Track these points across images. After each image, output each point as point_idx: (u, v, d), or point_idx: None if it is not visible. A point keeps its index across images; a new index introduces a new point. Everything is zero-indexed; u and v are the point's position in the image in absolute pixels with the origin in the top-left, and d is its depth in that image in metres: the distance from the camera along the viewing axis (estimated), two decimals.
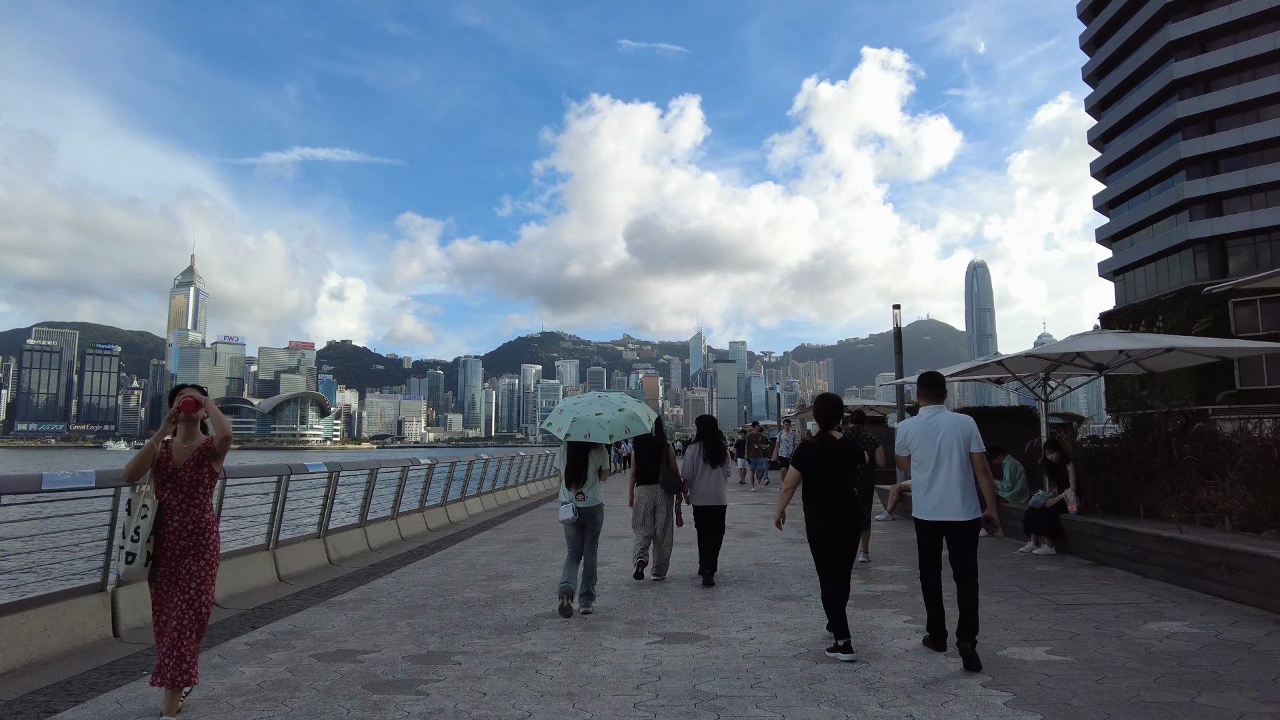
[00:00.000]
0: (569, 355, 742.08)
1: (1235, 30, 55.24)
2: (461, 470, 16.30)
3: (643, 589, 8.12)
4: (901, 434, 5.72)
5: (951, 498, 5.34)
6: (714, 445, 8.81)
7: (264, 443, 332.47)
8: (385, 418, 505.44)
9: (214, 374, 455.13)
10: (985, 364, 11.94)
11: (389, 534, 12.24)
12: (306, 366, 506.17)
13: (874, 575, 8.68)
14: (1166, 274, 58.53)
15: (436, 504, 14.81)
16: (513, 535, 12.83)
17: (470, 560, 10.20)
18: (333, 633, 6.34)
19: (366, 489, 11.53)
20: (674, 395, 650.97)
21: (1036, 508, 10.02)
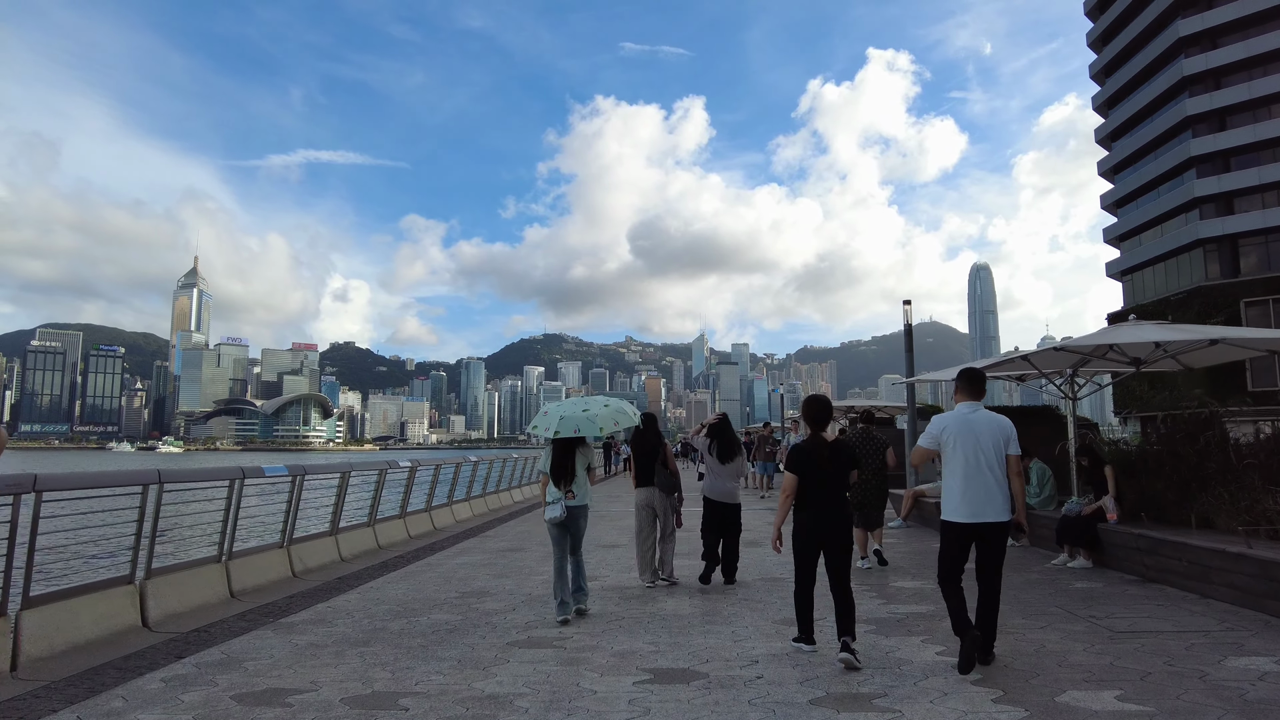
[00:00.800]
0: (571, 357, 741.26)
1: (1246, 26, 54.31)
2: (448, 473, 15.39)
3: (632, 610, 7.19)
4: (937, 428, 5.35)
5: (988, 499, 5.11)
6: (725, 441, 8.60)
7: (266, 444, 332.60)
8: (388, 419, 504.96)
9: (217, 375, 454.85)
10: (1009, 359, 11.00)
11: (364, 542, 11.33)
12: (309, 368, 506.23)
13: (894, 593, 7.74)
14: (1176, 274, 57.53)
15: (419, 509, 13.90)
16: (498, 544, 11.91)
17: (447, 573, 9.28)
18: (269, 664, 5.43)
19: (338, 493, 10.61)
20: (676, 397, 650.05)
21: (1070, 516, 9.07)
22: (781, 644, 5.77)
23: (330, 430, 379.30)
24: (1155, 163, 59.25)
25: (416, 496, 14.18)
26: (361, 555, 10.87)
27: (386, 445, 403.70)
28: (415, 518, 13.46)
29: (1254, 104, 53.66)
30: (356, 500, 12.06)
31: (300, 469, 9.31)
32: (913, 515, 13.50)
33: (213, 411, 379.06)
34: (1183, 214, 56.88)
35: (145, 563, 6.93)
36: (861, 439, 9.53)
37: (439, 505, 14.83)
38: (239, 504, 8.20)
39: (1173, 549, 7.54)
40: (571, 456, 7.13)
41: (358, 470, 11.02)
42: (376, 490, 11.65)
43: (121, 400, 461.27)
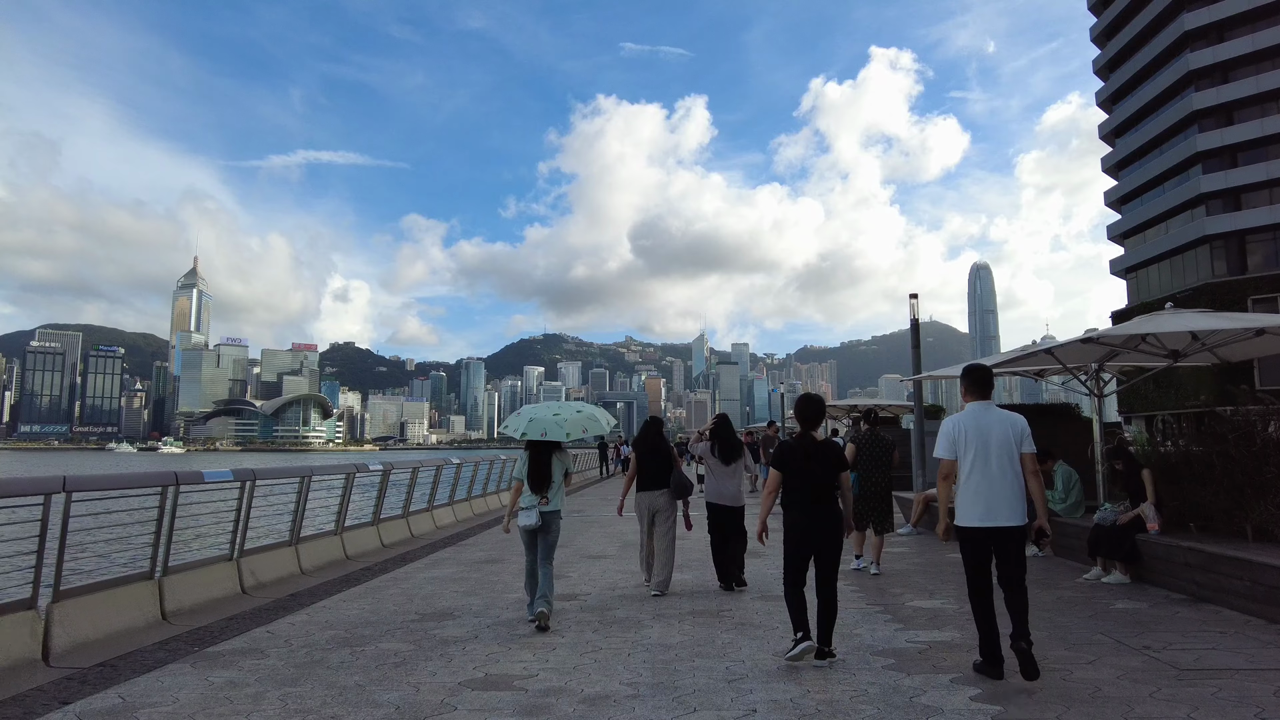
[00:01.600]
0: (571, 357, 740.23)
1: (1253, 19, 53.50)
2: (428, 476, 14.46)
3: (613, 639, 6.27)
4: (950, 431, 5.07)
5: (1004, 502, 4.92)
6: (726, 442, 8.41)
7: (266, 445, 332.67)
8: (388, 420, 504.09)
9: (216, 376, 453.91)
10: (1030, 353, 10.07)
11: (329, 553, 10.41)
12: (309, 368, 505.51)
13: (909, 615, 6.82)
14: (1182, 271, 56.67)
15: (395, 515, 12.98)
16: (476, 554, 10.98)
17: (412, 589, 8.36)
18: (168, 712, 4.52)
19: (298, 499, 9.68)
20: (676, 397, 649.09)
21: (1104, 526, 8.14)
22: (785, 685, 4.86)
23: (330, 430, 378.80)
24: (1161, 158, 58.42)
25: (394, 501, 13.28)
26: (326, 567, 9.96)
27: (386, 446, 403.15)
28: (391, 525, 12.55)
29: (1261, 98, 52.84)
30: (326, 506, 11.17)
31: (249, 473, 8.38)
32: (923, 522, 12.59)
33: (212, 412, 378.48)
34: (1188, 210, 56.04)
35: (51, 584, 6.02)
36: (868, 441, 9.11)
37: (418, 510, 13.92)
38: (174, 513, 7.28)
39: (1232, 566, 6.61)
40: (548, 462, 6.93)
41: (321, 474, 10.10)
42: (344, 495, 10.74)
43: (121, 401, 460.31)
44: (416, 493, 14.05)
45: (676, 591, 8.02)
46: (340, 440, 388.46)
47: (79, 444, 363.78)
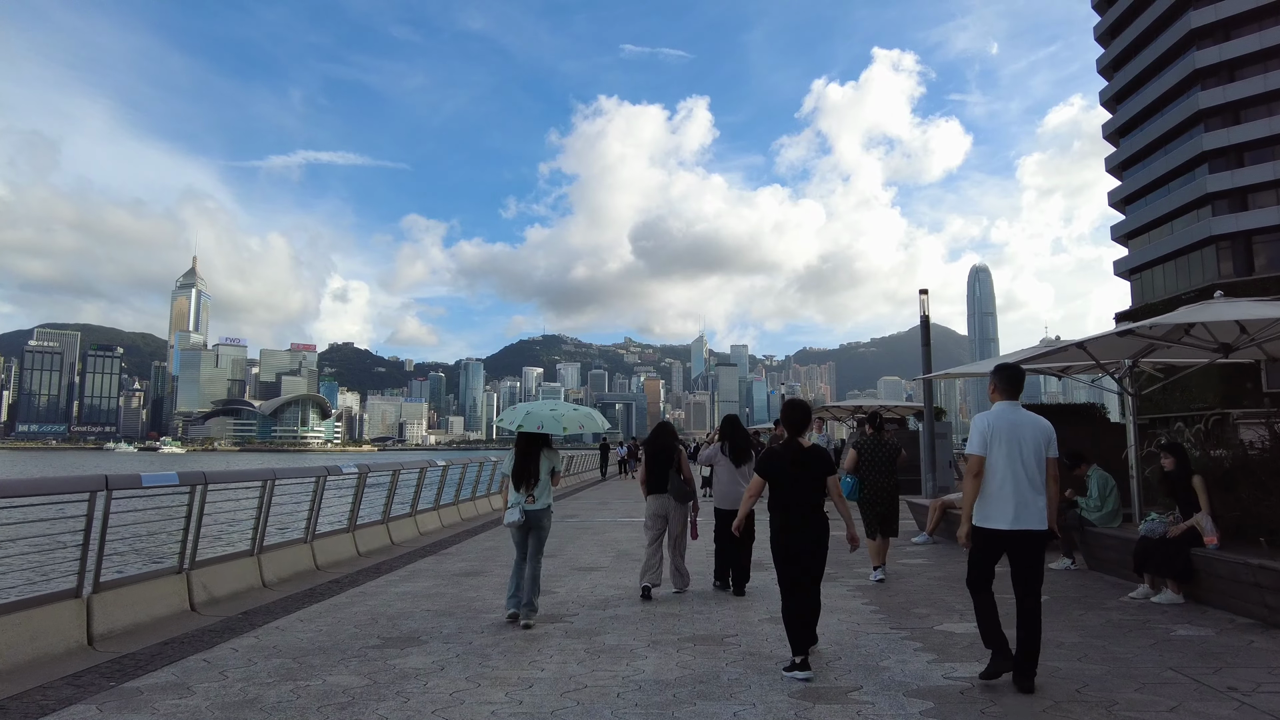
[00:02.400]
0: (570, 358, 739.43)
1: (1261, 17, 52.80)
2: (410, 478, 13.59)
3: (600, 673, 5.42)
4: (984, 429, 4.93)
5: (1028, 506, 4.82)
6: (738, 442, 8.33)
7: (265, 445, 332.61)
8: (387, 420, 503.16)
9: (215, 376, 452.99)
10: (1060, 348, 9.20)
11: (298, 562, 9.55)
12: (308, 369, 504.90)
13: (942, 643, 5.96)
14: (1187, 272, 55.94)
15: (374, 521, 12.11)
16: (457, 564, 10.11)
17: (380, 606, 7.49)
18: None
19: (260, 505, 8.81)
20: (675, 399, 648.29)
21: (1153, 538, 7.28)
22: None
23: (328, 431, 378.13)
24: (1166, 158, 57.71)
25: (374, 505, 12.43)
26: (292, 578, 9.10)
27: (385, 446, 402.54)
28: (368, 531, 11.67)
29: (1268, 96, 52.15)
30: (296, 511, 10.32)
31: (198, 477, 7.52)
32: (940, 529, 11.75)
33: (211, 412, 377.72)
34: (1194, 210, 55.32)
35: None
36: (871, 446, 8.85)
37: (400, 516, 13.05)
38: (105, 522, 6.42)
39: None
40: (535, 458, 6.86)
41: (286, 478, 9.23)
42: (314, 501, 9.87)
43: (119, 401, 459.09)
44: (399, 497, 13.21)
45: (676, 611, 7.18)
46: (339, 441, 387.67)
47: (77, 444, 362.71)
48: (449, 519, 15.23)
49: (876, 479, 8.70)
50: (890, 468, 8.79)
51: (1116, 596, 7.42)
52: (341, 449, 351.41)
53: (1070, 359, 9.90)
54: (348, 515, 11.18)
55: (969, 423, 5.47)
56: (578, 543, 11.88)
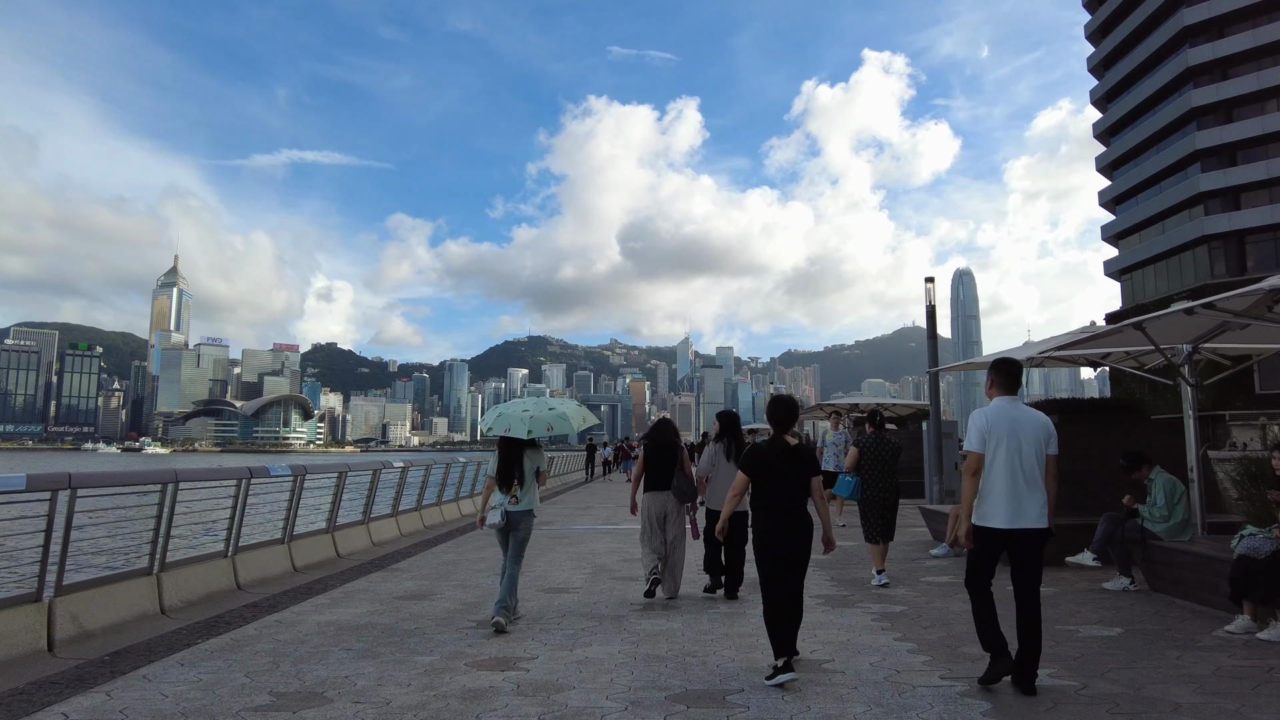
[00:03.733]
0: (556, 359, 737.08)
1: (1254, 14, 52.21)
2: (360, 481, 12.08)
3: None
4: (983, 426, 4.76)
5: (1029, 504, 4.66)
6: (739, 443, 7.83)
7: (246, 446, 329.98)
8: (370, 421, 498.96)
9: (196, 376, 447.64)
10: (1114, 330, 7.82)
11: (213, 580, 8.04)
12: (290, 369, 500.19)
13: (1021, 709, 4.57)
14: (1179, 272, 55.26)
15: (317, 530, 10.61)
16: (403, 584, 8.59)
17: (288, 644, 5.95)
18: None
19: (159, 514, 7.30)
20: (661, 400, 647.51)
21: (1256, 558, 5.89)
22: None
23: (311, 432, 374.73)
24: (1157, 157, 57.01)
25: (321, 512, 10.94)
26: (202, 601, 7.59)
27: (368, 447, 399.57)
28: (310, 543, 10.16)
29: (1262, 95, 51.56)
30: (219, 522, 8.81)
31: (61, 480, 5.99)
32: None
33: (192, 412, 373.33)
34: (1186, 210, 54.62)
35: None
36: (872, 445, 8.56)
37: (349, 524, 11.53)
38: None
39: None
40: (519, 459, 6.75)
41: (195, 482, 7.72)
42: (235, 508, 8.35)
43: (98, 401, 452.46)
44: (351, 502, 11.73)
45: (663, 633, 5.76)
46: (321, 442, 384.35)
47: (54, 444, 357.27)
48: (410, 526, 13.72)
49: (878, 480, 8.41)
50: (892, 468, 8.52)
51: (1209, 630, 6.01)
52: (324, 450, 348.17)
53: (1114, 344, 8.56)
54: (283, 524, 9.67)
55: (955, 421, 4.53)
56: (549, 556, 10.40)
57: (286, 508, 9.64)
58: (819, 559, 9.33)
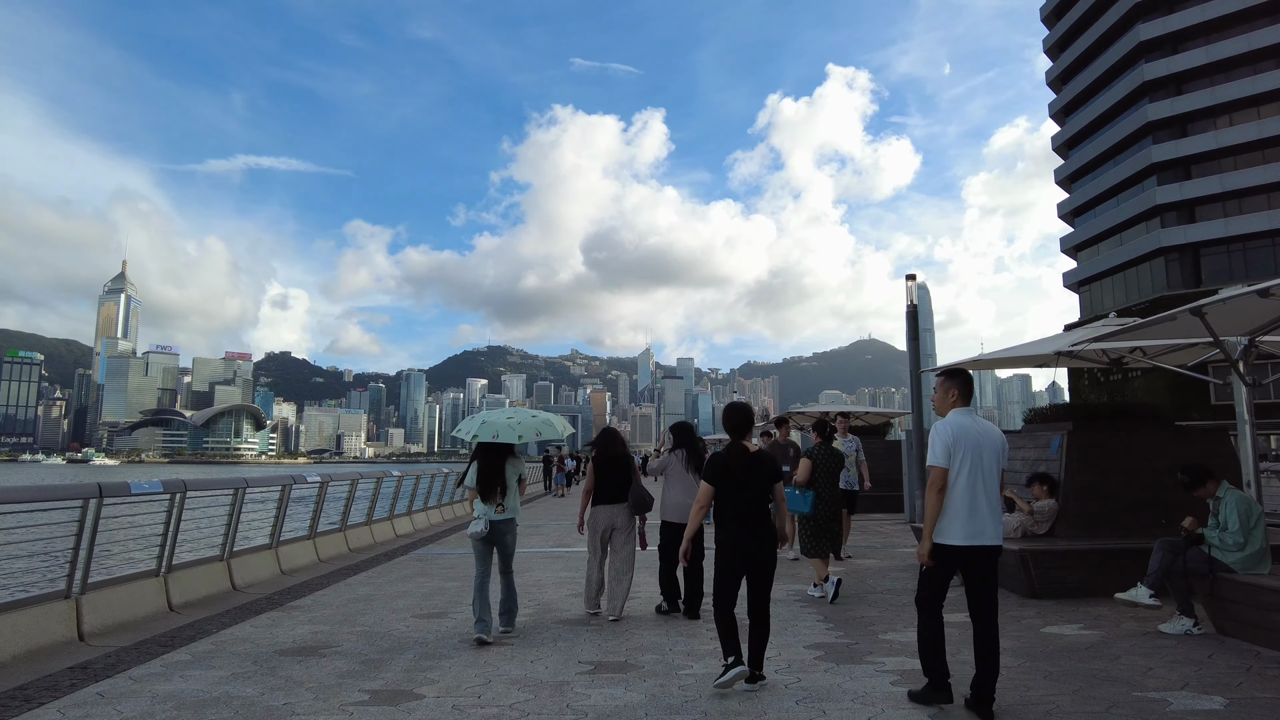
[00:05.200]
0: (516, 370, 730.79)
1: (1208, 31, 52.87)
2: (305, 495, 10.46)
3: None
4: (946, 438, 4.54)
5: (987, 521, 4.52)
6: (697, 452, 7.72)
7: (195, 457, 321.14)
8: (324, 432, 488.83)
9: (144, 384, 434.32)
10: (1163, 318, 6.49)
11: (142, 604, 6.51)
12: (243, 378, 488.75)
13: None
14: (1136, 284, 55.59)
15: (206, 558, 8.89)
16: (295, 630, 6.86)
17: (154, 704, 4.38)
18: None
19: (80, 531, 5.64)
20: (621, 411, 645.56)
21: None
22: None
23: (263, 442, 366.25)
24: (1115, 170, 57.44)
25: (209, 538, 9.23)
26: (31, 656, 5.89)
27: (322, 459, 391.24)
28: (195, 574, 8.42)
29: (1215, 110, 52.16)
30: (64, 551, 7.07)
31: None
32: None
33: (138, 422, 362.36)
34: (1143, 222, 55.00)
35: None
36: (824, 456, 8.48)
37: (249, 550, 9.79)
38: None
39: None
40: (500, 467, 6.70)
41: (12, 506, 6.02)
42: (79, 534, 6.63)
43: (38, 410, 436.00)
44: (252, 523, 10.03)
45: (622, 702, 4.26)
46: (274, 452, 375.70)
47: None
48: (331, 549, 11.97)
49: (827, 492, 8.31)
50: (837, 479, 8.53)
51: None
52: (277, 461, 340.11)
53: (1155, 335, 7.30)
54: (159, 552, 7.94)
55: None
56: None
57: (164, 532, 7.91)
58: (808, 599, 8.01)
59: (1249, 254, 51.41)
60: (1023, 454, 9.76)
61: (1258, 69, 50.40)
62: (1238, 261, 51.68)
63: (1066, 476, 8.62)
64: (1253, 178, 49.77)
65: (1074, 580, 7.62)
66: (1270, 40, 49.41)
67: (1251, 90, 50.06)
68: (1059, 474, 8.72)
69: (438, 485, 18.70)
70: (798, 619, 7.02)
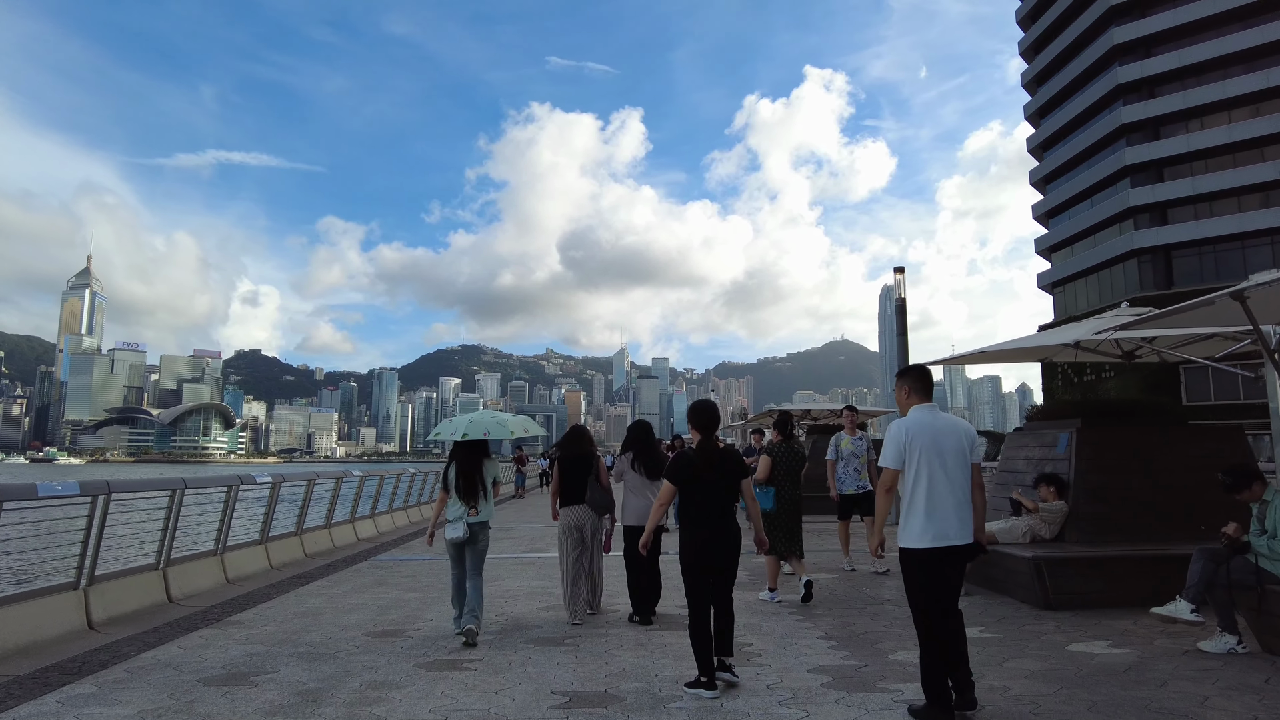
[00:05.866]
0: (490, 369, 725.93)
1: (1180, 35, 53.24)
2: (258, 495, 9.60)
3: None
4: (902, 437, 4.43)
5: (954, 520, 4.34)
6: (652, 454, 7.48)
7: (162, 456, 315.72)
8: (294, 431, 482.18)
9: (110, 382, 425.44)
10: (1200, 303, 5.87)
11: (54, 623, 5.51)
12: (211, 376, 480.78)
13: None
14: (1110, 285, 55.84)
15: (138, 567, 8.02)
16: (229, 649, 6.07)
17: None
18: None
19: None
20: (596, 411, 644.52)
21: None
22: None
23: (232, 441, 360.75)
24: (1089, 171, 57.69)
25: (142, 543, 8.36)
26: (36, 649, 5.03)
27: (292, 458, 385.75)
28: (123, 584, 7.55)
29: (1186, 114, 52.51)
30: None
31: None
32: (981, 580, 8.46)
33: (103, 421, 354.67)
34: (1117, 224, 55.27)
35: None
36: (784, 455, 8.35)
37: (189, 557, 8.91)
38: None
39: None
40: (478, 468, 6.64)
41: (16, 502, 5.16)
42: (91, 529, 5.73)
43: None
44: (193, 527, 9.17)
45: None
46: (243, 451, 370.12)
47: None
48: (285, 555, 11.08)
49: (787, 491, 8.20)
50: (798, 478, 8.38)
51: None
52: (246, 460, 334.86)
53: (1189, 323, 6.71)
54: (79, 560, 7.06)
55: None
56: (444, 605, 7.98)
57: (84, 540, 7.04)
58: (807, 608, 7.45)
59: (1219, 256, 51.80)
60: (1025, 453, 9.17)
61: (1227, 74, 50.84)
62: (1209, 264, 52.05)
63: (1077, 477, 8.03)
64: (1223, 181, 50.17)
65: (1092, 590, 7.02)
66: (1239, 46, 49.92)
67: (1222, 95, 50.50)
68: (1068, 474, 8.13)
69: (403, 486, 17.82)
70: (795, 634, 6.35)
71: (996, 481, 9.57)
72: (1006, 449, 9.73)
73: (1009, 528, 7.98)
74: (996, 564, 7.77)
